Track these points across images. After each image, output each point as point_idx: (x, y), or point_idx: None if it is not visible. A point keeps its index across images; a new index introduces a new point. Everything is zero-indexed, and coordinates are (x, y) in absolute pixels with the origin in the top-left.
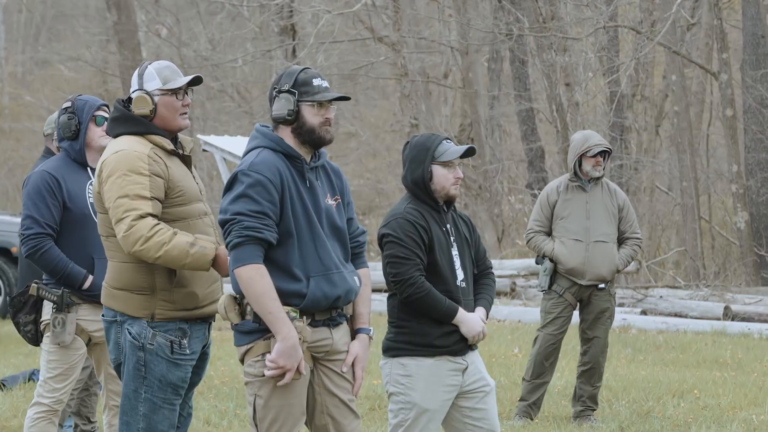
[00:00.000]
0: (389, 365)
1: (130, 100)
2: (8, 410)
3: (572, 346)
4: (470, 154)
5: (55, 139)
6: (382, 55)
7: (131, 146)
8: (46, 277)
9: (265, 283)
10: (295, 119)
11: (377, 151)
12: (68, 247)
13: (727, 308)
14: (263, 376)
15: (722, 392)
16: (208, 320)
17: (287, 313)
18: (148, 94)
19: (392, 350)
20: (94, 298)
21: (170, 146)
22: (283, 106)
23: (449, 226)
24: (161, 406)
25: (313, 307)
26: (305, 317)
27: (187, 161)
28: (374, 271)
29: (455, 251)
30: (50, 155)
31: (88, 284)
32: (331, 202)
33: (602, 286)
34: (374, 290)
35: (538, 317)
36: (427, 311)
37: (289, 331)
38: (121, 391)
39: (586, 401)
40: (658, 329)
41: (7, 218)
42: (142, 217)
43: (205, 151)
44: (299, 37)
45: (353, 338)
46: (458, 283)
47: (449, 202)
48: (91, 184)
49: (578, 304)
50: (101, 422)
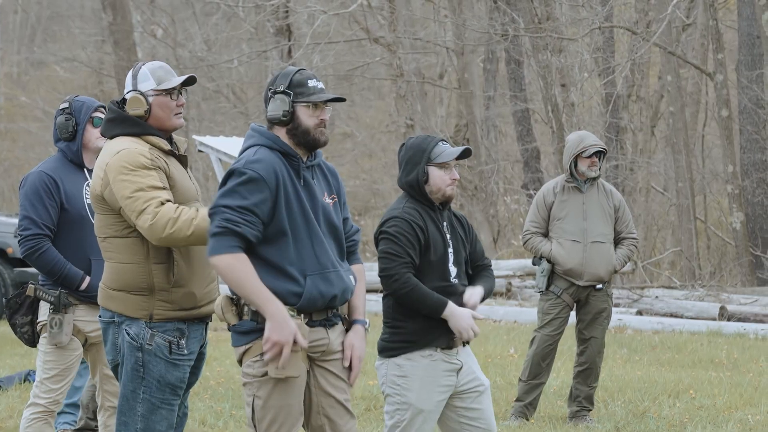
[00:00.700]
0: (385, 366)
1: (124, 101)
2: (4, 411)
3: (568, 346)
4: (466, 155)
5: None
6: (377, 55)
7: (131, 145)
8: (42, 277)
9: (244, 267)
10: (290, 120)
11: (373, 151)
12: (65, 248)
13: (722, 308)
14: (262, 376)
15: (718, 392)
16: (205, 320)
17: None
18: (142, 94)
19: (388, 351)
20: (91, 299)
21: (167, 146)
22: (278, 107)
23: (446, 224)
24: (159, 406)
25: (309, 306)
26: (302, 315)
27: (183, 161)
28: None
29: (450, 249)
30: None
31: (85, 285)
32: (328, 200)
33: (600, 286)
34: (370, 290)
35: (534, 318)
36: (415, 306)
37: (276, 307)
38: (116, 391)
39: (582, 401)
40: (653, 329)
41: (3, 219)
42: (162, 203)
43: (200, 151)
44: (295, 37)
45: (348, 331)
46: (451, 280)
47: (446, 202)
48: (88, 185)
49: (575, 304)
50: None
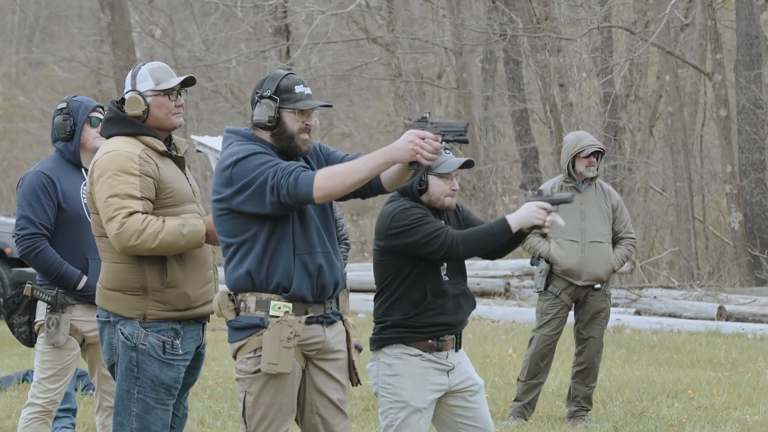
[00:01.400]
0: (376, 367)
1: (123, 101)
2: (2, 411)
3: (566, 346)
4: (468, 166)
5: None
6: (376, 55)
7: (122, 147)
8: (40, 277)
9: (335, 168)
10: (275, 125)
11: (371, 151)
12: (63, 247)
13: (721, 308)
14: (254, 372)
15: (716, 392)
16: (201, 321)
17: (279, 308)
18: (140, 95)
19: (378, 342)
20: (88, 298)
21: (162, 147)
22: (264, 112)
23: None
24: (154, 406)
25: (299, 286)
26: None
27: (180, 162)
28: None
29: None
30: None
31: (82, 285)
32: None
33: (598, 286)
34: (363, 291)
35: (532, 318)
36: (486, 246)
37: (386, 148)
38: (114, 391)
39: (580, 401)
40: (652, 329)
41: (1, 219)
42: (131, 214)
43: (198, 151)
44: (293, 37)
45: None
46: (443, 275)
47: (442, 211)
48: (85, 185)
49: (573, 304)
50: (94, 423)
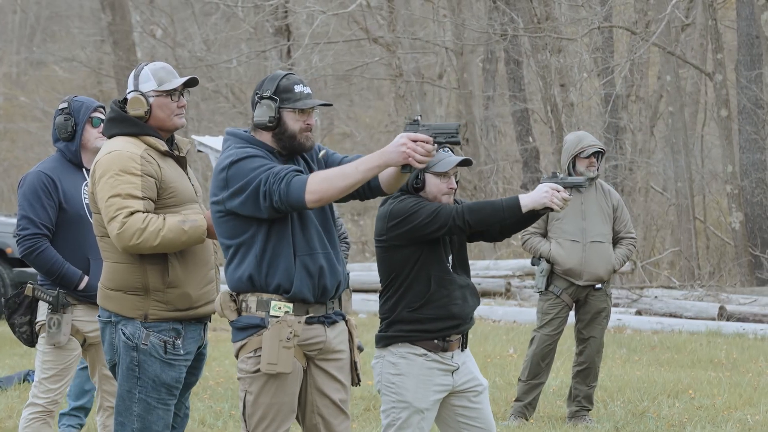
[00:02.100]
0: (380, 365)
1: (126, 101)
2: (3, 411)
3: (567, 346)
4: (465, 164)
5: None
6: (377, 55)
7: (124, 147)
8: (41, 277)
9: (328, 171)
10: (276, 125)
11: (372, 151)
12: (64, 247)
13: (722, 308)
14: (254, 372)
15: (717, 392)
16: (203, 321)
17: (279, 308)
18: (143, 95)
19: (384, 340)
20: (89, 298)
21: (164, 147)
22: (264, 112)
23: None
24: (155, 406)
25: (300, 287)
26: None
27: (182, 162)
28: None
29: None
30: None
31: (83, 285)
32: None
33: (599, 286)
34: (364, 291)
35: (533, 318)
36: (492, 220)
37: (380, 152)
38: (115, 391)
39: (581, 401)
40: (653, 329)
41: (2, 219)
42: (132, 213)
43: (199, 151)
44: (294, 37)
45: None
46: (449, 265)
47: None
48: (86, 185)
49: (574, 304)
50: (95, 423)
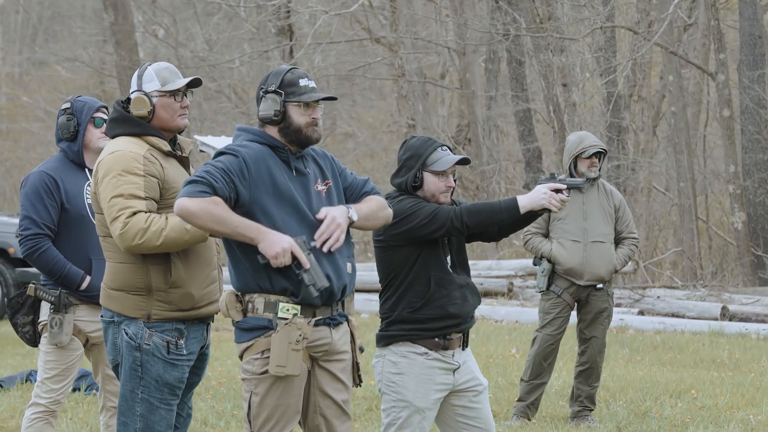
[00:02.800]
0: (381, 363)
1: (129, 101)
2: (6, 411)
3: (570, 346)
4: (464, 163)
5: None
6: (379, 55)
7: (127, 147)
8: (43, 277)
9: (222, 207)
10: (281, 120)
11: (374, 151)
12: (66, 247)
13: (724, 308)
14: (261, 373)
15: (719, 392)
16: (206, 321)
17: (287, 310)
18: (146, 95)
19: (385, 339)
20: (91, 298)
21: (167, 147)
22: (269, 106)
23: None
24: (158, 406)
25: (306, 296)
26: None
27: (184, 163)
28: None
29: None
30: None
31: (85, 285)
32: (321, 187)
33: (600, 286)
34: (368, 291)
35: (535, 318)
36: (490, 221)
37: (265, 230)
38: (117, 391)
39: (583, 401)
40: (655, 329)
41: (4, 219)
42: (134, 213)
43: (202, 151)
44: (296, 37)
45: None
46: (448, 265)
47: None
48: (88, 185)
49: (576, 304)
50: (98, 423)
